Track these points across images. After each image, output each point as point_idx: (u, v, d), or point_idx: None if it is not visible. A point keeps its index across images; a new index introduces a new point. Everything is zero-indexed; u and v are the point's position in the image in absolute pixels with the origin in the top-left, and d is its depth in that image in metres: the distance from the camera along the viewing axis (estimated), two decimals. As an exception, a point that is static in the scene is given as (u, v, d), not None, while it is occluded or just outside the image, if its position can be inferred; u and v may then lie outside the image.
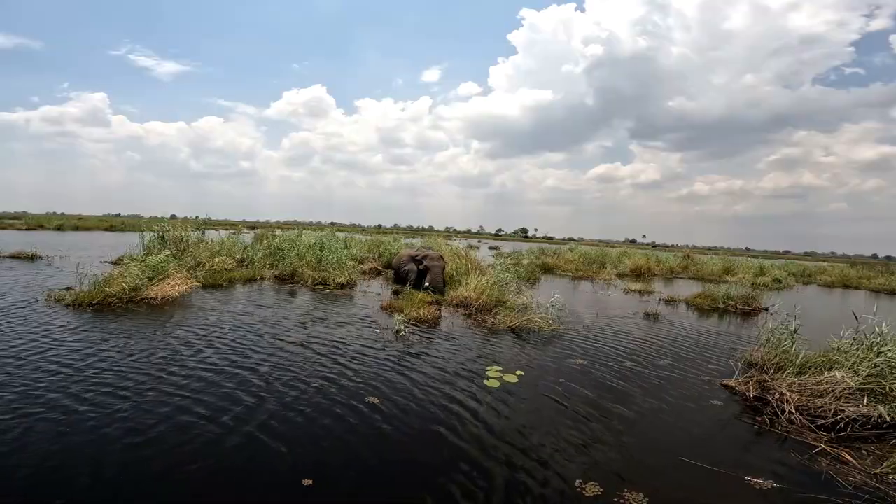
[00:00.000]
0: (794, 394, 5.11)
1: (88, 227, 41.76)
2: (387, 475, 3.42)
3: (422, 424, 4.29)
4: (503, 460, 3.72)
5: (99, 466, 3.26)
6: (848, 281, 25.41)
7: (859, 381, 5.00)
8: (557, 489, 3.36)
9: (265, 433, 3.92)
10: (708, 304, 13.14)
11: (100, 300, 8.39)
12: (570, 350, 7.26)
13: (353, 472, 3.43)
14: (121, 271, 9.40)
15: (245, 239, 19.59)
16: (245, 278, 12.85)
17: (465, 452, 3.80)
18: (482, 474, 3.49)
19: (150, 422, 3.97)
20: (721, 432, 4.57)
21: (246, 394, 4.73)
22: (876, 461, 3.92)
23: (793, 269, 29.32)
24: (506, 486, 3.35)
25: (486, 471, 3.54)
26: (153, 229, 14.13)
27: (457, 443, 3.97)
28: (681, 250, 45.89)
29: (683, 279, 22.70)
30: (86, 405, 4.21)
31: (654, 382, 5.94)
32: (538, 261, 23.85)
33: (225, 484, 3.19)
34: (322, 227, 37.05)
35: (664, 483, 3.51)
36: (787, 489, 3.49)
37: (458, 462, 3.65)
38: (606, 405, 5.04)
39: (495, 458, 3.75)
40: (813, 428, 4.57)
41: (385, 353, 6.43)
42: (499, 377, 5.71)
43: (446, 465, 3.59)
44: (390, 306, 9.63)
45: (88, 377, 4.87)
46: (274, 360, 5.85)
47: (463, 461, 3.66)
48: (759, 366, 6.46)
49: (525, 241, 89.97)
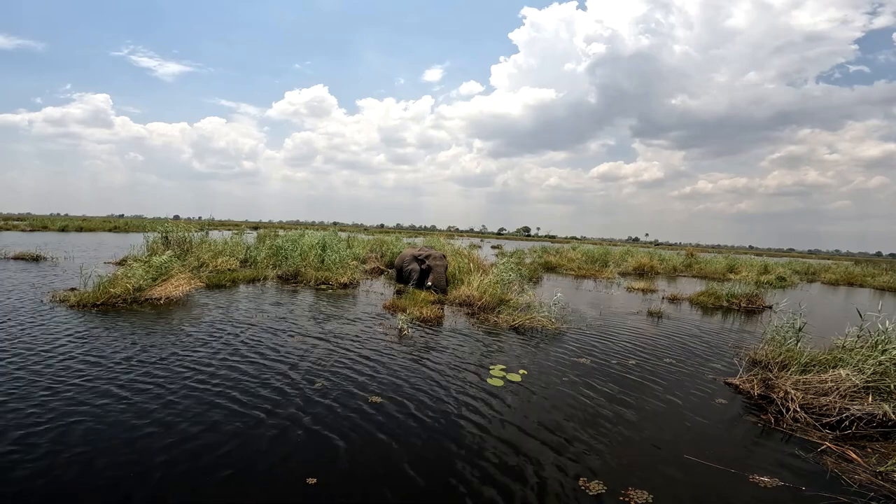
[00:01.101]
0: (799, 392, 5.09)
1: (92, 228, 41.94)
2: (390, 474, 3.43)
3: (425, 424, 4.29)
4: (507, 459, 3.72)
5: (95, 465, 3.29)
6: (852, 279, 25.29)
7: (864, 379, 4.98)
8: (561, 487, 3.36)
9: (269, 432, 3.94)
10: (711, 302, 13.10)
11: (104, 301, 8.43)
12: (574, 348, 7.25)
13: (356, 472, 3.44)
14: (125, 272, 9.45)
15: (248, 239, 19.65)
16: (248, 278, 12.88)
17: (468, 451, 3.81)
18: (486, 473, 3.49)
19: (145, 421, 4.00)
20: (725, 430, 4.56)
21: (248, 394, 4.75)
22: (881, 459, 3.90)
23: (797, 267, 29.22)
24: (510, 485, 3.35)
25: (490, 469, 3.54)
26: (156, 230, 14.18)
27: (460, 442, 3.97)
28: (684, 248, 45.72)
29: (687, 277, 22.62)
30: (85, 405, 4.23)
31: (658, 380, 5.92)
32: (541, 260, 23.85)
33: (228, 482, 3.20)
34: (324, 227, 37.05)
35: (668, 481, 3.50)
36: (791, 487, 3.48)
37: (462, 461, 3.65)
38: (610, 403, 5.04)
39: (499, 456, 3.75)
40: (818, 426, 4.56)
41: (388, 353, 6.44)
42: (502, 376, 5.71)
43: (450, 464, 3.59)
44: (393, 305, 9.65)
45: (93, 375, 4.90)
46: (277, 360, 5.86)
47: (466, 460, 3.67)
48: (763, 364, 6.44)
49: (527, 240, 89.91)
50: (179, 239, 14.13)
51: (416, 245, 17.67)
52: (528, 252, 27.84)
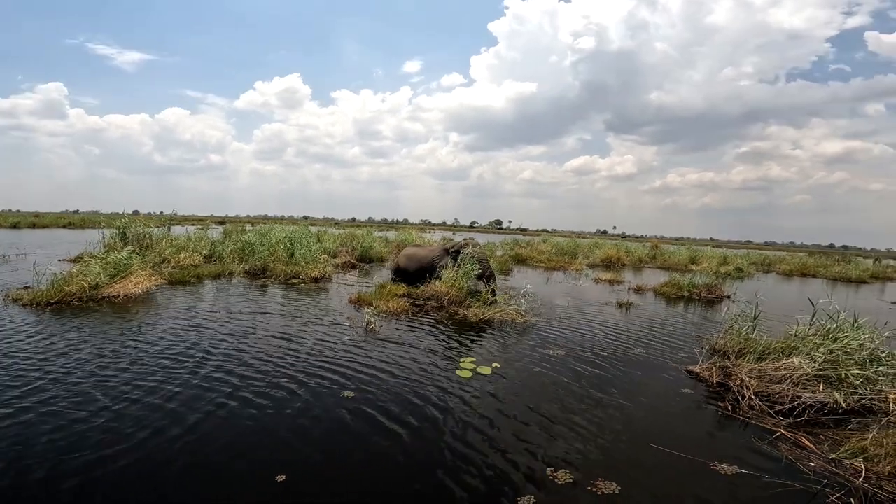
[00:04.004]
0: (754, 380, 5.30)
1: (46, 224, 39.90)
2: (360, 469, 3.40)
3: (395, 418, 4.27)
4: (476, 450, 3.74)
5: (66, 469, 3.13)
6: (806, 269, 26.46)
7: (815, 367, 5.20)
8: (529, 477, 3.41)
9: (237, 429, 3.84)
10: (674, 292, 13.54)
11: (59, 299, 8.06)
12: (543, 341, 7.36)
13: (326, 467, 3.41)
14: (80, 269, 9.07)
15: (213, 234, 19.10)
16: (214, 274, 12.53)
17: (438, 445, 3.81)
18: (455, 465, 3.50)
19: (116, 421, 3.83)
20: (688, 419, 4.72)
21: (215, 391, 4.61)
22: (833, 446, 4.06)
23: (754, 258, 30.43)
24: (479, 476, 3.38)
25: (460, 461, 3.56)
26: (113, 226, 13.61)
27: (430, 435, 3.97)
28: (650, 241, 47.04)
29: (651, 268, 23.29)
30: (44, 408, 4.03)
31: (625, 370, 6.07)
32: (511, 252, 24.07)
33: (196, 481, 3.12)
34: (294, 222, 36.34)
35: (635, 471, 3.60)
36: (749, 474, 3.61)
37: (432, 454, 3.65)
38: (579, 394, 5.13)
39: (469, 448, 3.77)
40: (772, 413, 4.75)
41: (359, 347, 6.37)
42: (472, 369, 5.74)
43: (419, 458, 3.59)
44: (359, 299, 9.54)
45: (45, 377, 4.66)
46: (244, 355, 5.71)
47: (436, 453, 3.67)
48: (721, 352, 6.69)
49: (499, 233, 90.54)
50: (138, 235, 13.60)
51: (389, 239, 17.44)
52: (500, 245, 28.07)
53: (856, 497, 3.33)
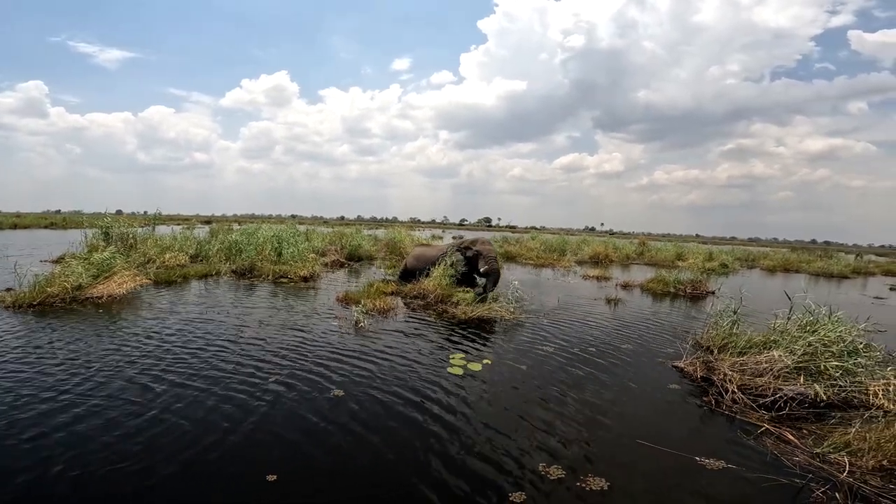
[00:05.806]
0: (736, 373, 5.38)
1: (27, 225, 39.06)
2: (351, 468, 3.40)
3: (385, 416, 4.28)
4: (468, 447, 3.77)
5: (64, 470, 3.09)
6: (789, 265, 26.89)
7: (795, 359, 5.31)
8: (521, 474, 3.44)
9: (228, 430, 3.81)
10: (661, 288, 13.73)
11: (41, 300, 7.92)
12: (532, 337, 7.41)
13: (317, 467, 3.41)
14: (63, 270, 8.91)
15: (199, 234, 18.88)
16: (200, 274, 12.39)
17: (429, 442, 3.82)
18: (447, 462, 3.52)
19: (104, 423, 3.79)
20: (675, 414, 4.78)
21: (204, 392, 4.57)
22: (817, 441, 4.11)
23: (738, 254, 30.86)
24: (470, 473, 3.40)
25: (450, 459, 3.58)
26: (96, 226, 13.40)
27: (420, 433, 3.98)
28: (637, 237, 47.51)
29: (639, 265, 23.54)
30: (29, 412, 3.96)
31: (614, 366, 6.13)
32: (500, 249, 24.13)
33: (188, 482, 3.10)
34: (282, 220, 36.03)
35: (623, 466, 3.64)
36: (735, 469, 3.66)
37: (423, 451, 3.67)
38: (569, 391, 5.18)
39: (460, 445, 3.79)
40: (754, 407, 4.82)
41: (347, 346, 6.36)
42: (462, 365, 5.77)
43: (411, 456, 3.60)
44: (346, 298, 9.50)
45: (32, 378, 4.58)
46: (232, 355, 5.66)
47: (427, 451, 3.69)
48: (705, 347, 6.79)
49: (488, 230, 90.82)
50: (122, 235, 13.40)
51: (378, 238, 17.39)
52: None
53: (841, 491, 3.37)
